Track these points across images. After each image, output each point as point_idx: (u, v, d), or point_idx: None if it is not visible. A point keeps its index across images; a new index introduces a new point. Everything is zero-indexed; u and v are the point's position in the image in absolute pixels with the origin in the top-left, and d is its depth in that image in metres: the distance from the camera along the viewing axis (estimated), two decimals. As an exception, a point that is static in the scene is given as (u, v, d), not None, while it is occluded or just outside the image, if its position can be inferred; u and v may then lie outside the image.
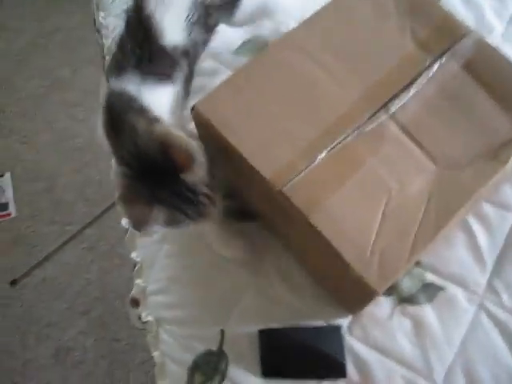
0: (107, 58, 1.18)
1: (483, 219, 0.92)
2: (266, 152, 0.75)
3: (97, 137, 0.83)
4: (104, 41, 1.22)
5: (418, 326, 0.86)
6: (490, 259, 0.89)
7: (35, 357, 1.75)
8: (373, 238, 0.71)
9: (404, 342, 0.86)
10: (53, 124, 2.03)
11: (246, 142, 0.75)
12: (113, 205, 1.87)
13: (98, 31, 1.33)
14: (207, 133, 0.81)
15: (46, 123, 2.03)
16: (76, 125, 2.02)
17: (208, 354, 0.87)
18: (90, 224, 1.88)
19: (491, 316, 0.86)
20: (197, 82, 0.98)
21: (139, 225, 0.71)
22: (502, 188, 0.92)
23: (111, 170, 0.97)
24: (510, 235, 0.90)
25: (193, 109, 0.78)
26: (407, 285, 0.88)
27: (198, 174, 0.72)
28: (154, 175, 0.71)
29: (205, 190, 0.73)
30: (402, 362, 0.85)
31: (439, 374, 0.84)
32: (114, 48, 0.94)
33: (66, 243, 1.86)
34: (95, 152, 1.96)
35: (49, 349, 1.76)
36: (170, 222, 0.73)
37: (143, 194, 0.70)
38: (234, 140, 0.75)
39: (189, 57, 0.90)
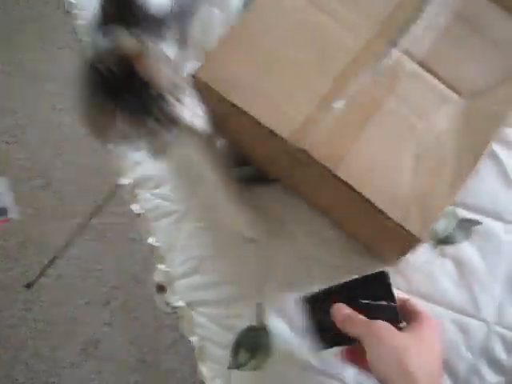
0: (84, 39, 1.11)
1: (508, 145, 0.87)
2: (279, 110, 0.69)
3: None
4: (79, 21, 1.14)
5: (460, 266, 0.83)
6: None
7: (65, 355, 1.74)
8: (406, 182, 0.66)
9: (448, 285, 0.83)
10: (34, 117, 1.96)
11: (256, 102, 0.70)
12: (115, 190, 1.83)
13: (69, 12, 1.26)
14: (213, 100, 0.75)
15: (29, 118, 1.96)
16: (60, 115, 1.95)
17: (249, 330, 0.84)
18: (95, 213, 1.83)
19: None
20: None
21: (100, 132, 0.64)
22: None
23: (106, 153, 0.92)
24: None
25: (193, 77, 0.72)
26: (442, 225, 0.84)
27: (152, 70, 0.63)
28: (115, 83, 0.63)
29: (174, 91, 0.64)
30: (449, 305, 0.82)
31: (490, 312, 0.81)
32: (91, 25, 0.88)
33: (73, 237, 1.82)
34: (85, 140, 1.90)
35: (77, 345, 1.75)
36: (137, 128, 0.64)
37: (105, 101, 0.63)
38: (242, 103, 0.70)
39: (178, 17, 0.83)
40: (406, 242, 0.68)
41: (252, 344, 0.83)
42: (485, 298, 0.82)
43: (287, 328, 0.84)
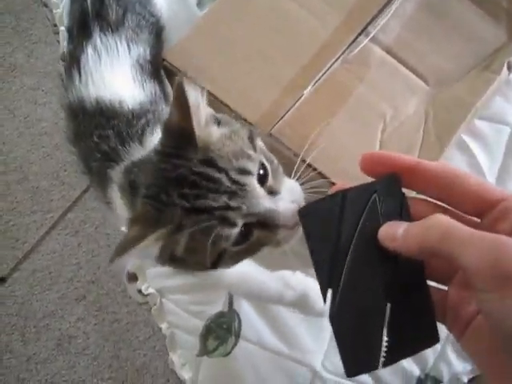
0: (61, 28, 1.10)
1: (479, 136, 0.88)
2: (248, 96, 0.70)
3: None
4: (55, 11, 1.14)
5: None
6: (491, 177, 0.86)
7: (38, 351, 1.72)
8: (373, 168, 0.67)
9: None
10: (15, 112, 1.94)
11: (225, 88, 0.70)
12: (90, 186, 1.82)
13: (46, 5, 1.25)
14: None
15: (7, 113, 1.94)
16: (38, 109, 1.93)
17: (219, 316, 0.84)
18: (70, 208, 1.82)
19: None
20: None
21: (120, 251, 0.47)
22: (494, 101, 0.88)
23: None
24: (508, 149, 0.88)
25: (163, 60, 0.72)
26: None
27: (211, 137, 0.51)
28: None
29: (242, 162, 0.49)
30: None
31: None
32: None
33: (49, 231, 1.81)
34: (63, 134, 1.89)
35: (50, 340, 1.73)
36: (192, 235, 0.48)
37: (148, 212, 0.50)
38: (211, 87, 0.70)
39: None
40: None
41: (221, 330, 0.83)
42: None
43: (256, 313, 0.84)
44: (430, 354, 0.83)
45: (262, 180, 0.49)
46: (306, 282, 0.77)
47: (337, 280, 0.38)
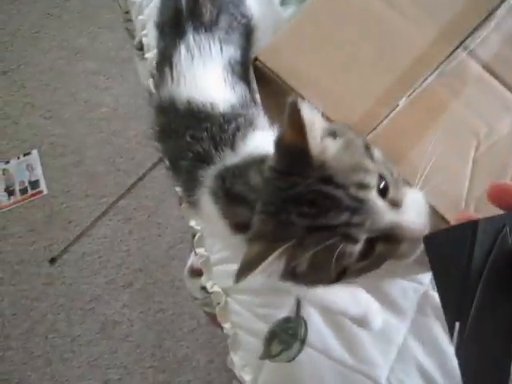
0: (139, 17, 1.11)
1: None
2: (341, 102, 0.69)
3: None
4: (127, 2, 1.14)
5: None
6: None
7: (82, 333, 1.75)
8: (466, 187, 0.65)
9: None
10: (76, 95, 1.97)
11: (319, 93, 0.69)
12: (146, 173, 1.84)
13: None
14: (272, 87, 0.75)
15: (68, 95, 1.97)
16: (99, 94, 1.96)
17: (285, 321, 0.83)
18: (124, 195, 1.84)
19: None
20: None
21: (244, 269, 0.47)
22: None
23: (141, 136, 0.91)
24: None
25: (255, 60, 0.71)
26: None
27: (326, 153, 0.49)
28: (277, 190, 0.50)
29: (360, 176, 0.48)
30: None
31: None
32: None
33: (101, 216, 1.83)
34: (122, 120, 1.91)
35: (95, 324, 1.75)
36: (315, 254, 0.47)
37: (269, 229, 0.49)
38: (306, 93, 0.69)
39: None
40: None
41: (287, 335, 0.83)
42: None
43: (323, 321, 0.83)
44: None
45: (384, 192, 0.48)
46: (371, 303, 0.77)
47: (466, 313, 0.37)
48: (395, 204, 0.48)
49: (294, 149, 0.48)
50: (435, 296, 0.82)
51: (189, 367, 1.70)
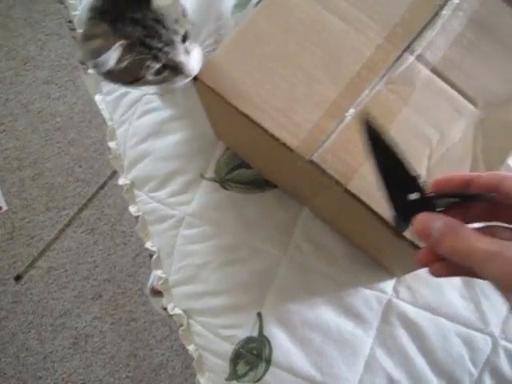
0: (79, 31, 1.06)
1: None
2: (287, 118, 0.66)
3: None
4: (73, 13, 1.09)
5: (467, 278, 0.81)
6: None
7: (55, 349, 1.71)
8: (420, 198, 0.63)
9: (454, 297, 0.81)
10: (28, 106, 1.91)
11: (263, 109, 0.66)
12: (106, 181, 1.79)
13: (62, 2, 1.21)
14: (214, 105, 0.72)
15: (21, 106, 1.91)
16: (53, 103, 1.90)
17: (248, 340, 0.81)
18: (86, 205, 1.80)
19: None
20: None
21: (92, 54, 0.61)
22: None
23: (99, 144, 0.91)
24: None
25: (196, 79, 0.68)
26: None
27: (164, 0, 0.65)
28: (118, 7, 0.65)
29: (178, 27, 0.66)
30: (455, 318, 0.81)
31: (496, 325, 0.80)
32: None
33: (64, 229, 1.79)
34: (78, 129, 1.86)
35: (67, 339, 1.72)
36: (133, 56, 0.63)
37: (104, 28, 0.64)
38: (248, 109, 0.66)
39: None
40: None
41: (251, 355, 0.81)
42: (492, 312, 0.80)
43: (287, 339, 0.81)
44: (466, 380, 0.81)
45: (184, 40, 0.67)
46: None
47: None
48: (187, 51, 0.68)
49: None
50: (399, 304, 0.81)
51: (165, 375, 1.68)
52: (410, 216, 0.45)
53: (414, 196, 0.46)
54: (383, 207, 0.62)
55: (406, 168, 0.47)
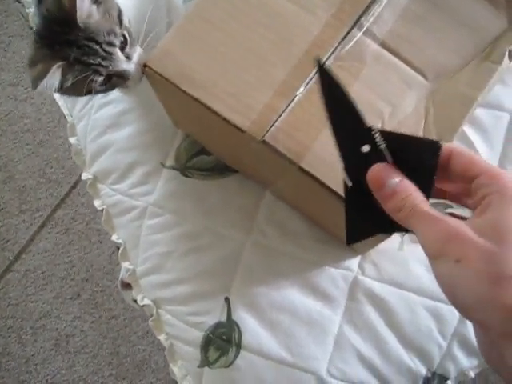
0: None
1: (477, 124, 0.85)
2: (239, 100, 0.65)
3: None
4: (27, 10, 1.08)
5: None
6: (492, 165, 0.83)
7: (36, 352, 1.70)
8: (373, 172, 0.63)
9: (420, 270, 0.82)
10: (-6, 109, 1.89)
11: (213, 93, 0.66)
12: (78, 181, 1.78)
13: (19, 1, 1.19)
14: (166, 92, 0.72)
15: (-13, 110, 1.89)
16: (20, 105, 1.88)
17: (218, 326, 0.81)
18: (59, 205, 1.78)
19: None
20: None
21: (36, 81, 0.64)
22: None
23: (68, 144, 0.91)
24: (508, 136, 0.85)
25: (145, 66, 0.68)
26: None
27: (91, 17, 0.67)
28: (53, 31, 0.67)
29: (111, 38, 0.68)
30: (421, 291, 0.81)
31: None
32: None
33: (39, 231, 1.77)
34: (47, 130, 1.84)
35: (48, 341, 1.71)
36: (75, 76, 0.66)
37: (45, 52, 0.66)
38: (198, 93, 0.65)
39: None
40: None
41: (221, 341, 0.81)
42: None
43: (256, 322, 0.81)
44: (435, 352, 0.81)
45: (123, 47, 0.69)
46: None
47: None
48: (129, 57, 0.70)
49: (65, 13, 0.64)
50: (365, 281, 0.81)
51: (148, 370, 1.67)
52: (361, 169, 0.45)
53: (366, 148, 0.45)
54: (337, 183, 0.62)
55: (361, 118, 0.45)
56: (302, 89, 0.66)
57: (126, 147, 0.89)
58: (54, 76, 0.64)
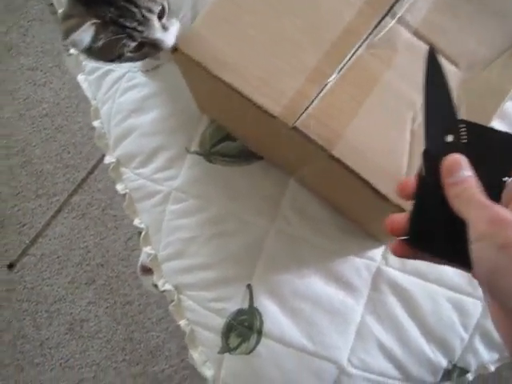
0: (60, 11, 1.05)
1: (506, 118, 0.85)
2: (269, 85, 0.65)
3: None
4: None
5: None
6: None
7: (51, 335, 1.71)
8: (405, 161, 0.63)
9: (443, 262, 0.81)
10: (14, 94, 1.88)
11: (245, 77, 0.65)
12: (95, 166, 1.78)
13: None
14: (195, 76, 0.72)
15: (6, 94, 1.88)
16: (38, 90, 1.88)
17: (239, 313, 0.81)
18: (76, 191, 1.79)
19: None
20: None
21: (68, 32, 0.62)
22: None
23: (86, 129, 0.90)
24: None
25: (175, 49, 0.67)
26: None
27: None
28: None
29: (151, 4, 0.66)
30: (444, 283, 0.81)
31: (486, 289, 0.80)
32: None
33: (55, 215, 1.78)
34: (65, 115, 1.84)
35: (62, 325, 1.72)
36: (108, 37, 0.65)
37: (80, 9, 0.64)
38: (230, 78, 0.65)
39: None
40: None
41: (243, 327, 0.81)
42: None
43: (278, 310, 0.81)
44: (457, 345, 0.81)
45: (161, 16, 0.67)
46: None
47: None
48: (165, 27, 0.67)
49: None
50: (388, 271, 0.81)
51: (161, 356, 1.68)
52: (439, 156, 0.46)
53: (450, 138, 0.46)
54: (369, 171, 0.62)
55: (454, 110, 0.48)
56: (334, 76, 0.65)
57: (150, 132, 0.89)
58: (87, 32, 0.62)
